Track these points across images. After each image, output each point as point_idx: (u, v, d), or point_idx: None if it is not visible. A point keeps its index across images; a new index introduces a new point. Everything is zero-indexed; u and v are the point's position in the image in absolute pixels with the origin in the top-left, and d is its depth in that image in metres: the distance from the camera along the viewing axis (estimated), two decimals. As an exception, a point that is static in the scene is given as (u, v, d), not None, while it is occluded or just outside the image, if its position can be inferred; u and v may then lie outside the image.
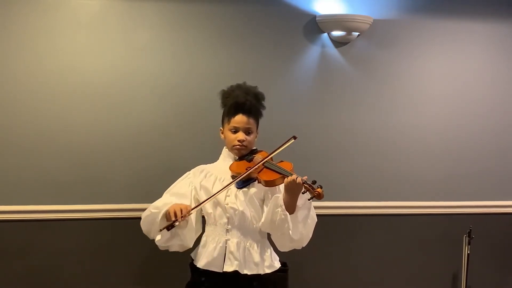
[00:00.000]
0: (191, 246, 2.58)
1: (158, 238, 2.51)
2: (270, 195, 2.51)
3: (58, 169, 2.98)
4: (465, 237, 3.44)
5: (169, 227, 2.43)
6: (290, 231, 2.40)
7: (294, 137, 2.52)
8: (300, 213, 2.42)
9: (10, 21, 2.89)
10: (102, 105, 3.01)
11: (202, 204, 2.50)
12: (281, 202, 2.39)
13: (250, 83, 2.65)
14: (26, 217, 2.95)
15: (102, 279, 3.07)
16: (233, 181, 2.48)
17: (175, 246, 2.56)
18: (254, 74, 3.11)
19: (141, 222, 2.58)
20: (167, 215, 2.46)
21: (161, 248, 2.57)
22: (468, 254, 3.44)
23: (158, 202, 2.55)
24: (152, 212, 2.52)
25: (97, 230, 3.05)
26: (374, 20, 3.25)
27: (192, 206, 2.51)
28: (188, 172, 2.67)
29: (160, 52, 3.07)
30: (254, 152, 2.62)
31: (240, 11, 3.15)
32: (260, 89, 2.64)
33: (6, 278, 2.96)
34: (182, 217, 2.42)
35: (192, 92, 3.11)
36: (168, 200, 2.55)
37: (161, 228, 2.45)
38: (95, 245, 3.05)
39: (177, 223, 2.42)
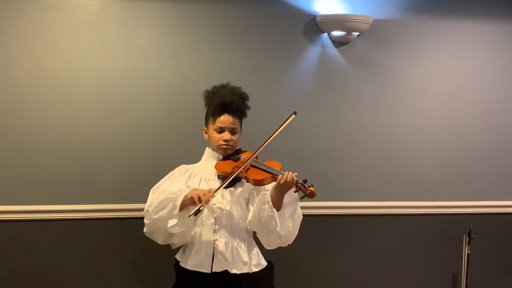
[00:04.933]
0: (189, 240, 2.52)
1: (172, 223, 2.40)
2: (255, 194, 2.52)
3: (57, 169, 2.98)
4: (465, 237, 3.44)
5: (197, 212, 2.34)
6: (278, 228, 2.40)
7: (295, 113, 2.51)
8: (287, 210, 2.43)
9: (11, 21, 2.89)
10: (102, 105, 3.01)
11: (221, 187, 2.43)
12: (268, 199, 2.41)
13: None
14: (26, 217, 2.95)
15: (101, 279, 3.07)
16: (226, 180, 2.43)
17: (179, 237, 2.48)
18: (254, 74, 3.11)
19: (152, 208, 2.44)
20: (188, 201, 2.38)
21: (171, 238, 2.49)
22: (468, 254, 3.44)
23: (171, 188, 2.46)
24: (168, 197, 2.42)
25: (97, 230, 3.04)
26: (374, 20, 3.25)
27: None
28: (172, 172, 2.62)
29: (160, 52, 3.07)
30: (239, 152, 2.62)
31: (240, 11, 3.15)
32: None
33: (6, 278, 2.96)
34: (206, 200, 2.35)
35: (192, 92, 3.10)
36: (181, 186, 2.47)
37: (189, 214, 2.35)
38: (95, 245, 3.05)
39: (202, 207, 2.35)
